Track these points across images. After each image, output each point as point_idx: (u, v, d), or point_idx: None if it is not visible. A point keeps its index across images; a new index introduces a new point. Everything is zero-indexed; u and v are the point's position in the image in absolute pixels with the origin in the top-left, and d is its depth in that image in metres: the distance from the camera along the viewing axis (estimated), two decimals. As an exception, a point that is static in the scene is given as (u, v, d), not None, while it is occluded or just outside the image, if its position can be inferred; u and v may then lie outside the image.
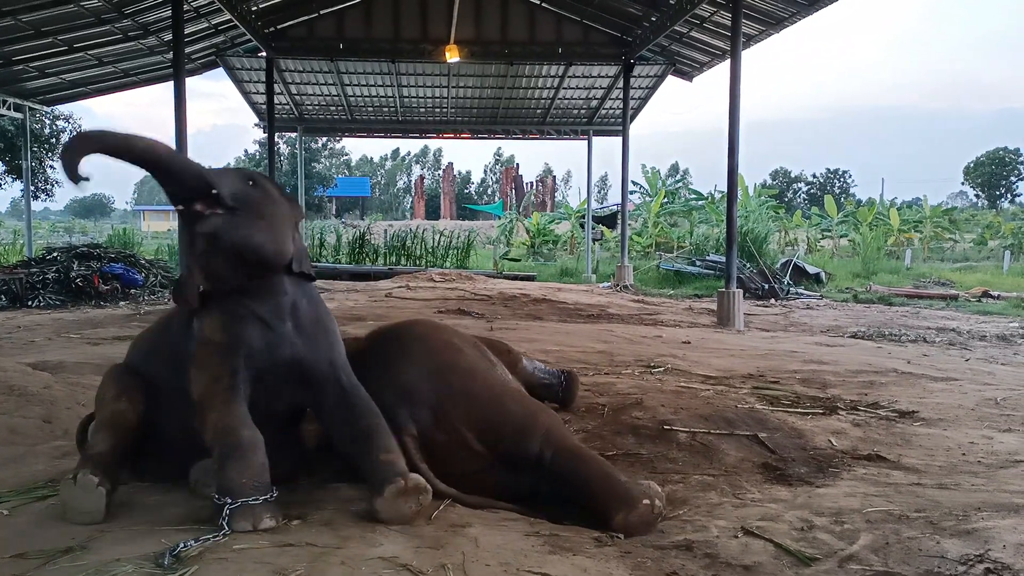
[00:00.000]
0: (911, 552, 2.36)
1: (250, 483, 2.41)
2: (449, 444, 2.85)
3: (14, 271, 12.80)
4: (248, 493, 2.38)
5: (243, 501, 2.36)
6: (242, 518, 2.33)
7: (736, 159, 10.53)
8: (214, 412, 2.52)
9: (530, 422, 2.87)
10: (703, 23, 14.78)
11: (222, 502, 2.36)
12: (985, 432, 4.04)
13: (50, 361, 5.88)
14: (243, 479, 2.41)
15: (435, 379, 2.95)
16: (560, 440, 2.85)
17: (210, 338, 2.60)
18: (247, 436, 2.49)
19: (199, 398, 2.58)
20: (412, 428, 2.81)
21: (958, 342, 8.46)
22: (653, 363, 6.10)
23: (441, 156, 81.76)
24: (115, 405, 2.79)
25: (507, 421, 2.87)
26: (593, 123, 21.30)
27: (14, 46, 13.62)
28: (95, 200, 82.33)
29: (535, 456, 2.79)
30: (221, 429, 2.50)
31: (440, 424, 2.86)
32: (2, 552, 2.17)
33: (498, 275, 18.70)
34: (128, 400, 2.80)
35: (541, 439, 2.81)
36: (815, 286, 16.23)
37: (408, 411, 2.85)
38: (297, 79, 19.47)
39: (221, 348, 2.59)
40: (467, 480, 2.82)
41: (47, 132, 20.04)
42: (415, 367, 3.00)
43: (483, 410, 2.90)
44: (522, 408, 2.97)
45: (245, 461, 2.44)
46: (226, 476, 2.41)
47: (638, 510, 2.61)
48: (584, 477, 2.73)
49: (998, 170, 58.29)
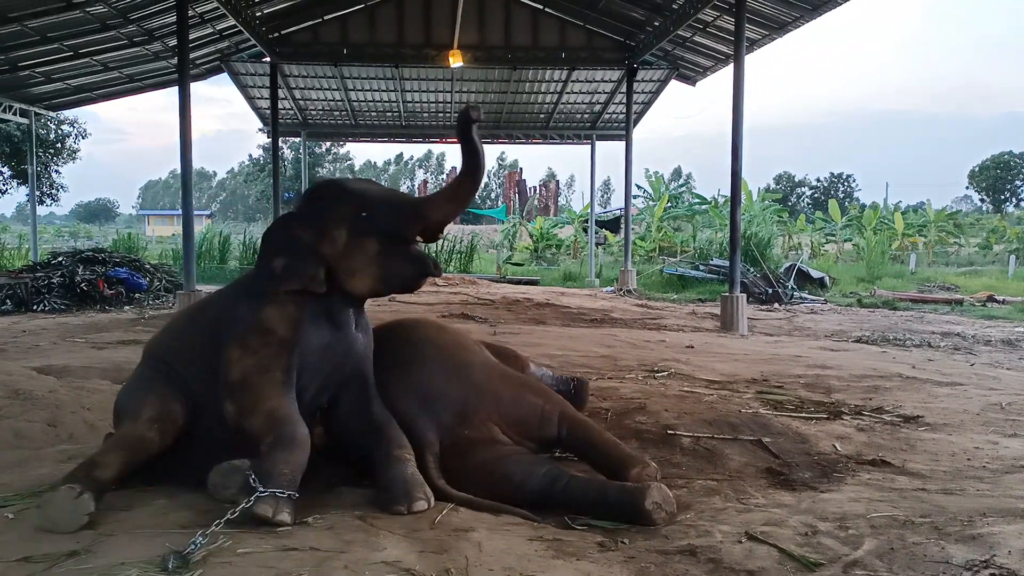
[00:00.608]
0: (916, 558, 2.35)
1: (288, 476, 2.48)
2: (476, 440, 2.92)
3: (19, 275, 12.83)
4: (282, 484, 2.45)
5: (272, 491, 2.42)
6: (266, 504, 2.38)
7: (740, 163, 10.52)
8: (270, 400, 2.61)
9: (549, 408, 3.07)
10: (706, 28, 14.78)
11: (256, 486, 2.42)
12: (990, 437, 4.02)
13: (55, 365, 5.89)
14: (286, 470, 2.48)
15: (456, 379, 3.04)
16: (572, 417, 3.11)
17: (270, 328, 2.69)
18: (302, 432, 2.60)
19: (238, 381, 2.63)
20: (433, 440, 2.87)
21: (963, 347, 8.43)
22: (657, 368, 6.09)
23: (444, 161, 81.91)
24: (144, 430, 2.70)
25: (532, 412, 3.05)
26: (596, 127, 21.31)
27: (20, 51, 13.67)
28: (100, 204, 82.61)
29: (556, 437, 3.07)
30: (279, 417, 2.58)
31: (467, 422, 2.96)
32: (8, 556, 2.18)
33: (501, 279, 18.71)
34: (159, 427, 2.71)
35: (558, 421, 3.05)
36: (819, 290, 16.20)
37: (429, 419, 2.91)
38: (301, 84, 19.52)
39: (281, 342, 2.68)
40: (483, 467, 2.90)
41: (52, 137, 20.12)
42: (431, 370, 3.06)
43: (508, 405, 3.05)
44: (541, 397, 3.14)
45: (294, 455, 2.53)
46: (272, 461, 2.49)
47: (650, 467, 2.94)
48: (598, 442, 3.03)
49: (1003, 174, 58.13)
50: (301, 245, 2.74)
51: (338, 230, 2.72)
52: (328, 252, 2.73)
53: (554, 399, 3.14)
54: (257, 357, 2.64)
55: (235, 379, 2.63)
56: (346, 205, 2.75)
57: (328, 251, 2.73)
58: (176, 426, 2.76)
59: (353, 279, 2.74)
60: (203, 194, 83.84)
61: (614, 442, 3.05)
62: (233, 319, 2.74)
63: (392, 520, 2.54)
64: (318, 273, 2.71)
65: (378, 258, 2.72)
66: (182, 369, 2.85)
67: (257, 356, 2.64)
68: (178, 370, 2.85)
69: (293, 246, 2.75)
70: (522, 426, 3.00)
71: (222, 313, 2.84)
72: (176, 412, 2.77)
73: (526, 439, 3.01)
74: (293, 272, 2.71)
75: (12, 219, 60.13)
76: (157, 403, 2.77)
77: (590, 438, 3.03)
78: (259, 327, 2.67)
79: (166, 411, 2.76)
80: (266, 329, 2.67)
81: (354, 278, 2.74)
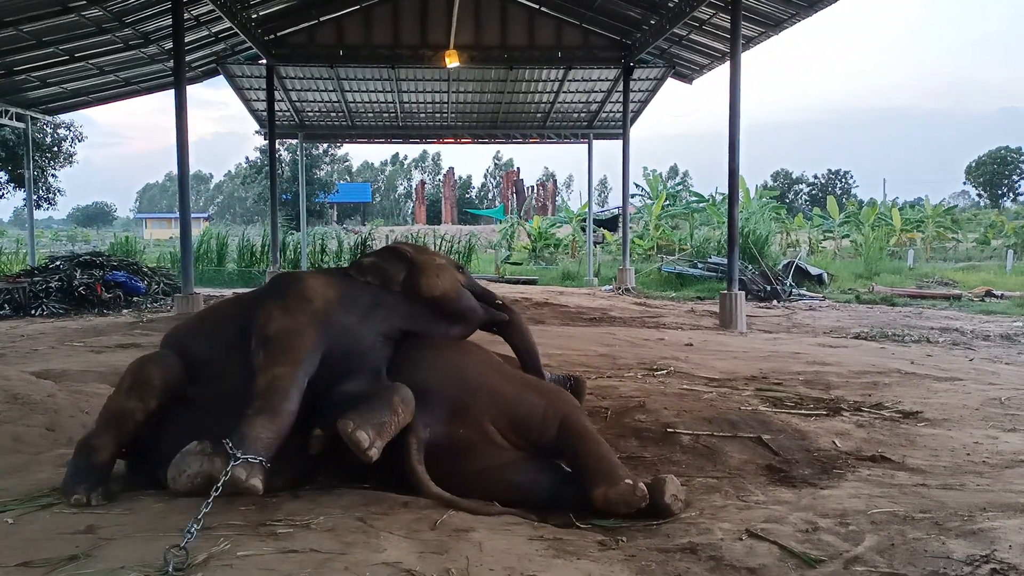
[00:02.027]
0: (916, 553, 2.35)
1: (265, 442, 2.56)
2: (470, 439, 2.88)
3: (17, 280, 12.82)
4: (258, 449, 2.52)
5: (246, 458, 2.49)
6: (240, 469, 2.45)
7: (737, 161, 10.52)
8: (283, 366, 2.74)
9: (551, 411, 2.99)
10: (702, 25, 14.78)
11: (232, 452, 2.49)
12: (990, 432, 4.03)
13: (54, 370, 5.89)
14: (264, 435, 2.56)
15: (452, 376, 3.03)
16: (570, 425, 2.98)
17: (309, 298, 2.95)
18: (289, 408, 2.69)
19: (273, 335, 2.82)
20: (421, 430, 2.83)
21: (962, 342, 8.44)
22: (656, 366, 6.09)
23: (440, 161, 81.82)
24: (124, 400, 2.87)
25: (533, 413, 2.98)
26: (593, 126, 21.31)
27: (16, 55, 13.65)
28: (97, 208, 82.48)
29: (554, 441, 2.96)
30: (277, 386, 2.70)
31: (460, 419, 2.90)
32: (8, 560, 2.17)
33: (500, 279, 18.71)
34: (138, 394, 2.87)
35: (559, 424, 2.96)
36: (817, 287, 16.21)
37: (422, 411, 2.87)
38: (297, 86, 19.50)
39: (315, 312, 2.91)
40: (486, 475, 2.86)
41: (49, 141, 20.09)
42: (427, 366, 3.05)
43: (507, 404, 2.98)
44: (544, 398, 3.06)
45: (274, 424, 2.61)
46: (251, 425, 2.58)
47: (618, 487, 2.72)
48: (579, 452, 2.89)
49: (1000, 169, 58.19)
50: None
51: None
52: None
53: (559, 404, 3.05)
54: (296, 321, 2.86)
55: (271, 332, 2.84)
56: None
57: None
58: (154, 388, 2.86)
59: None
60: (200, 197, 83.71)
61: (597, 456, 2.85)
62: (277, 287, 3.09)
63: (392, 521, 2.53)
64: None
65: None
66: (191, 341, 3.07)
67: (295, 319, 2.86)
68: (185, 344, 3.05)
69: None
70: (521, 426, 2.94)
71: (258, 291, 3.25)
72: (152, 375, 2.89)
73: (525, 440, 2.95)
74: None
75: (9, 223, 60.03)
76: (135, 372, 2.94)
77: (575, 447, 2.90)
78: (300, 294, 2.95)
79: (143, 376, 2.90)
80: (306, 297, 2.93)
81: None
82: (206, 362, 2.97)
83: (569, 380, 4.07)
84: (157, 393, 2.87)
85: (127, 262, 14.82)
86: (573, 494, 2.84)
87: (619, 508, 2.71)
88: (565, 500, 2.84)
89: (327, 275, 3.24)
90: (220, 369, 2.94)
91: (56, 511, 2.65)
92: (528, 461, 2.94)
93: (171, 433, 2.83)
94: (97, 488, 2.73)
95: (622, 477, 2.75)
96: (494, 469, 2.88)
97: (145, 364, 2.97)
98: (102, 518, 2.54)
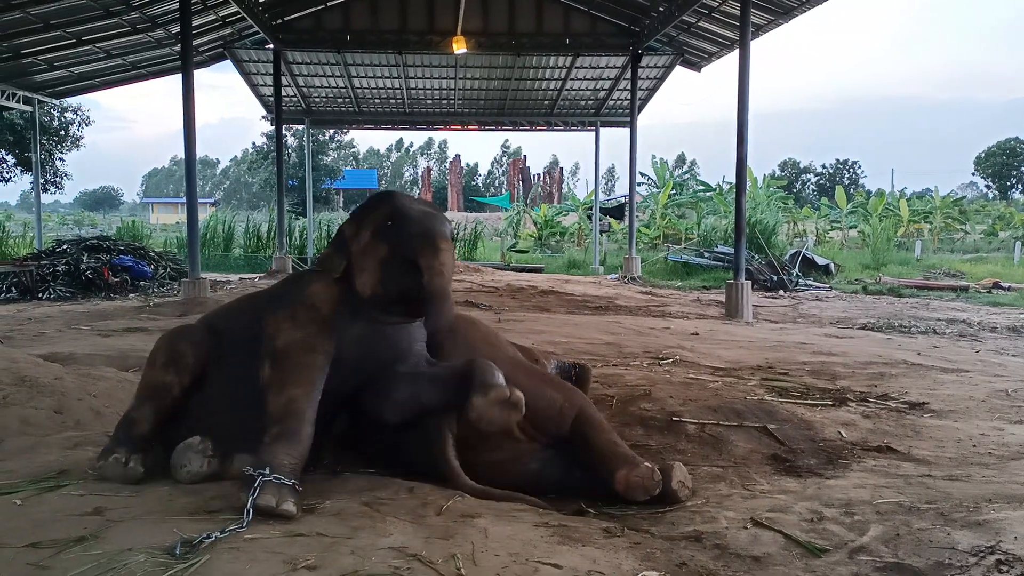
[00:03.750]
0: (922, 543, 2.35)
1: (290, 466, 2.52)
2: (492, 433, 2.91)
3: (24, 263, 12.87)
4: (284, 472, 2.48)
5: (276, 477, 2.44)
6: (269, 494, 2.40)
7: (745, 149, 10.48)
8: (297, 387, 2.69)
9: (567, 405, 3.09)
10: (711, 13, 14.69)
11: (257, 473, 2.44)
12: (996, 424, 4.02)
13: (61, 353, 5.91)
14: (287, 460, 2.53)
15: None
16: (584, 415, 3.09)
17: (316, 305, 2.84)
18: (308, 432, 2.65)
19: (282, 349, 2.75)
20: (452, 419, 2.88)
21: (968, 333, 8.41)
22: (661, 355, 6.09)
23: (447, 147, 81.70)
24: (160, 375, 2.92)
25: (551, 407, 3.07)
26: (601, 114, 21.24)
27: (23, 39, 13.66)
28: (104, 192, 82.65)
29: (567, 434, 3.06)
30: (294, 410, 2.64)
31: None
32: (16, 542, 2.19)
33: (505, 267, 18.72)
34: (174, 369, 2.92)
35: (575, 415, 3.06)
36: (824, 277, 16.17)
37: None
38: (304, 71, 19.46)
39: (324, 320, 2.81)
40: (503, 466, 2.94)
41: (56, 125, 20.11)
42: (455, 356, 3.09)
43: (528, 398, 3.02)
44: (561, 393, 3.17)
45: (296, 448, 2.57)
46: (273, 452, 2.53)
47: (639, 469, 2.81)
48: (597, 441, 2.99)
49: (1009, 160, 57.80)
50: (341, 239, 2.96)
51: (365, 231, 2.88)
52: (354, 249, 2.88)
53: (575, 398, 3.17)
54: (304, 332, 2.78)
55: (280, 346, 2.77)
56: (380, 211, 2.89)
57: (354, 248, 2.88)
58: (187, 364, 2.93)
59: (360, 276, 2.85)
60: (207, 182, 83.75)
61: (612, 443, 2.98)
62: (286, 292, 2.99)
63: (398, 506, 2.54)
64: (340, 264, 2.89)
65: (384, 264, 2.81)
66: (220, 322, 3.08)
67: (304, 331, 2.78)
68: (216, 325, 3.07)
69: (337, 239, 2.98)
70: (539, 419, 3.03)
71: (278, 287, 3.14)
72: (185, 351, 2.94)
73: (542, 432, 3.04)
74: (326, 258, 2.93)
75: (16, 207, 60.17)
76: (168, 348, 2.99)
77: (588, 435, 3.01)
78: (307, 302, 2.85)
79: (176, 352, 2.95)
80: (312, 305, 2.84)
81: (360, 275, 2.85)
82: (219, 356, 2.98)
83: (574, 367, 4.08)
84: (191, 368, 2.93)
85: (134, 246, 14.87)
86: (580, 482, 2.89)
87: (638, 492, 2.78)
88: (574, 488, 2.90)
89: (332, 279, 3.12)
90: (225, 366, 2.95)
91: (64, 493, 2.67)
92: (541, 451, 3.01)
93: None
94: (137, 453, 2.77)
95: (642, 461, 2.87)
96: (510, 460, 2.95)
97: (176, 339, 3.02)
98: (110, 500, 2.55)
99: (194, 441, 2.79)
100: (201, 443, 2.78)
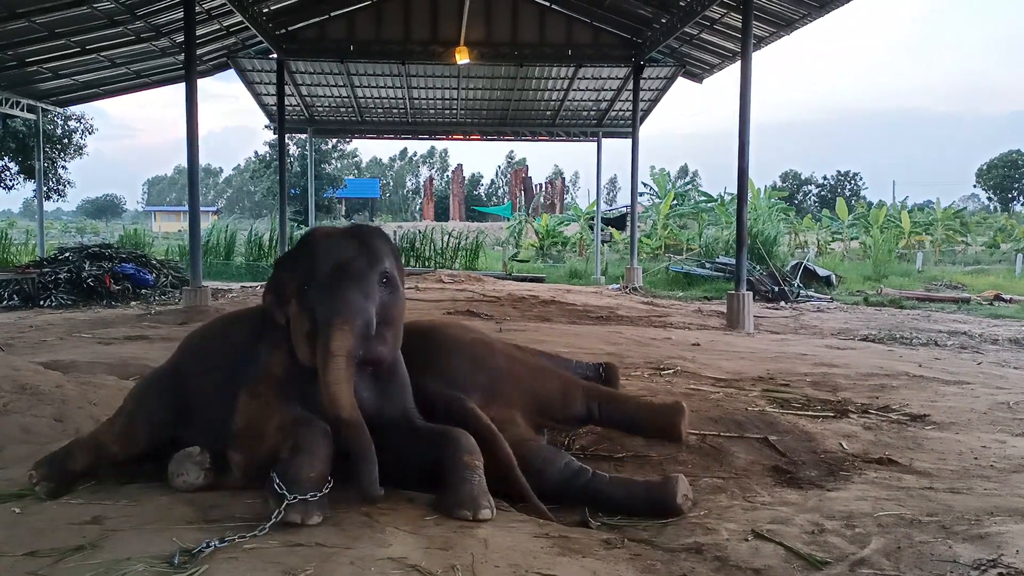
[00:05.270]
0: (923, 557, 2.34)
1: (314, 478, 2.43)
2: (498, 422, 2.95)
3: (26, 271, 12.89)
4: (309, 489, 2.40)
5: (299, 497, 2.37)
6: (294, 512, 2.35)
7: (746, 161, 10.49)
8: (273, 419, 2.59)
9: (571, 388, 3.27)
10: (713, 25, 14.73)
11: (281, 493, 2.37)
12: (998, 436, 4.01)
13: (62, 360, 5.91)
14: (311, 473, 2.44)
15: (480, 365, 3.18)
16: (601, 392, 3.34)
17: (277, 375, 2.73)
18: (319, 427, 2.54)
19: (242, 427, 2.65)
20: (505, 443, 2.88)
21: (970, 345, 8.40)
22: (662, 365, 6.08)
23: (448, 157, 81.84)
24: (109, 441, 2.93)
25: (554, 391, 3.23)
26: (603, 125, 21.28)
27: (28, 47, 13.73)
28: (107, 200, 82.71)
29: (584, 415, 3.29)
30: (290, 423, 2.57)
31: (493, 403, 3.04)
32: (14, 550, 2.18)
33: (507, 277, 18.71)
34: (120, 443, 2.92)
35: (584, 399, 3.25)
36: (825, 289, 16.16)
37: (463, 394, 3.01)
38: (308, 80, 19.53)
39: (284, 384, 2.69)
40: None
41: (59, 133, 20.16)
42: (457, 359, 3.17)
43: (529, 387, 3.20)
44: (560, 379, 3.34)
45: (316, 453, 2.48)
46: (296, 466, 2.44)
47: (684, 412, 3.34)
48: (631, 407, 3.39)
49: (1011, 173, 57.77)
50: (279, 287, 2.81)
51: (292, 293, 2.73)
52: (289, 312, 2.75)
53: (574, 380, 3.32)
54: (261, 400, 2.68)
55: (240, 425, 2.67)
56: (300, 271, 2.72)
57: (289, 310, 2.75)
58: (138, 447, 2.93)
59: (298, 347, 2.71)
60: (209, 190, 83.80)
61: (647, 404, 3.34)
62: (250, 361, 2.81)
63: (398, 516, 2.53)
64: (281, 318, 2.77)
65: (311, 338, 2.64)
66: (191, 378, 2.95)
67: (262, 399, 2.68)
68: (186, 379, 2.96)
69: (276, 285, 2.84)
70: (545, 405, 3.15)
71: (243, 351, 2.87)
72: (139, 435, 2.92)
73: (550, 419, 3.16)
74: (269, 310, 2.82)
75: (19, 215, 60.22)
76: (126, 419, 2.96)
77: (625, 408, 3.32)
78: (267, 374, 2.74)
79: (130, 432, 2.93)
80: (273, 375, 2.74)
81: (298, 347, 2.70)
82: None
83: (600, 367, 4.08)
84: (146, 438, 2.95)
85: (136, 254, 14.88)
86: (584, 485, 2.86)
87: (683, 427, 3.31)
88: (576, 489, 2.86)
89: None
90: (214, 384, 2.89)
91: (63, 502, 2.67)
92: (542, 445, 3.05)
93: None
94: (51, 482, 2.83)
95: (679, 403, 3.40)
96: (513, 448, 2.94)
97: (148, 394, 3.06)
98: (109, 509, 2.55)
99: (193, 451, 2.78)
100: (200, 454, 2.77)
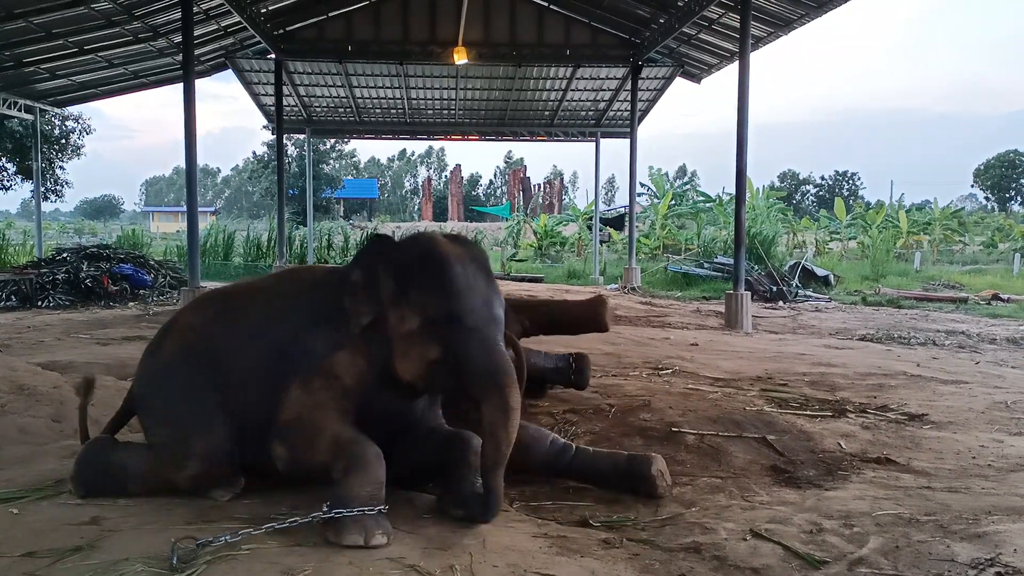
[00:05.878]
0: (921, 556, 2.34)
1: (369, 494, 2.36)
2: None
3: (24, 271, 12.86)
4: (366, 503, 2.34)
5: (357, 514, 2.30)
6: (354, 531, 2.27)
7: (744, 161, 10.49)
8: (330, 428, 2.49)
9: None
10: (711, 25, 14.73)
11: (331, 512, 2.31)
12: (995, 435, 4.01)
13: (60, 361, 5.91)
14: (365, 490, 2.37)
15: None
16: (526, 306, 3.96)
17: (338, 375, 2.55)
18: (373, 450, 2.45)
19: (292, 419, 2.52)
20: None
21: (968, 345, 8.40)
22: (661, 365, 6.09)
23: (446, 157, 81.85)
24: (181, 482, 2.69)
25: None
26: (601, 125, 21.28)
27: (25, 48, 13.68)
28: (104, 201, 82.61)
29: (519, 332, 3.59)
30: (345, 441, 2.46)
31: None
32: (13, 550, 2.18)
33: (505, 277, 18.69)
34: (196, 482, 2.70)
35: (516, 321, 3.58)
36: (824, 288, 16.16)
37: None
38: (306, 81, 19.51)
39: (345, 389, 2.55)
40: None
41: (57, 133, 20.13)
42: None
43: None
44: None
45: (370, 474, 2.40)
46: (349, 486, 2.36)
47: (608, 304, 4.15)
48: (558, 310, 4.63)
49: (1008, 173, 57.88)
50: (373, 285, 2.58)
51: (411, 312, 2.52)
52: (393, 320, 2.54)
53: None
54: (315, 397, 2.53)
55: (289, 417, 2.52)
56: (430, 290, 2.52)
57: (392, 318, 2.54)
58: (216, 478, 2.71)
59: (400, 361, 2.55)
60: (207, 191, 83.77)
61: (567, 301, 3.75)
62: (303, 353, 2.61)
63: (396, 516, 2.53)
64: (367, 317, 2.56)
65: (433, 365, 2.51)
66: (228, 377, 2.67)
67: (315, 397, 2.54)
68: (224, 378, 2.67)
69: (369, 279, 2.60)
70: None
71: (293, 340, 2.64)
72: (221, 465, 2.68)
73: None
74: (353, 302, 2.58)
75: (17, 215, 60.13)
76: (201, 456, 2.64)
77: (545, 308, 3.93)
78: (329, 373, 2.56)
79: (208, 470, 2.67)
80: (334, 375, 2.56)
81: (401, 361, 2.55)
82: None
83: (571, 357, 4.09)
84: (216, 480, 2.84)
85: (134, 255, 14.86)
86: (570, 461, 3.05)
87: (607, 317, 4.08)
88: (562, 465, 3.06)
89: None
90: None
91: (61, 502, 2.66)
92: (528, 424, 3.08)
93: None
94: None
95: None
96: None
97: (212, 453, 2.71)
98: (107, 510, 2.55)
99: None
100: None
